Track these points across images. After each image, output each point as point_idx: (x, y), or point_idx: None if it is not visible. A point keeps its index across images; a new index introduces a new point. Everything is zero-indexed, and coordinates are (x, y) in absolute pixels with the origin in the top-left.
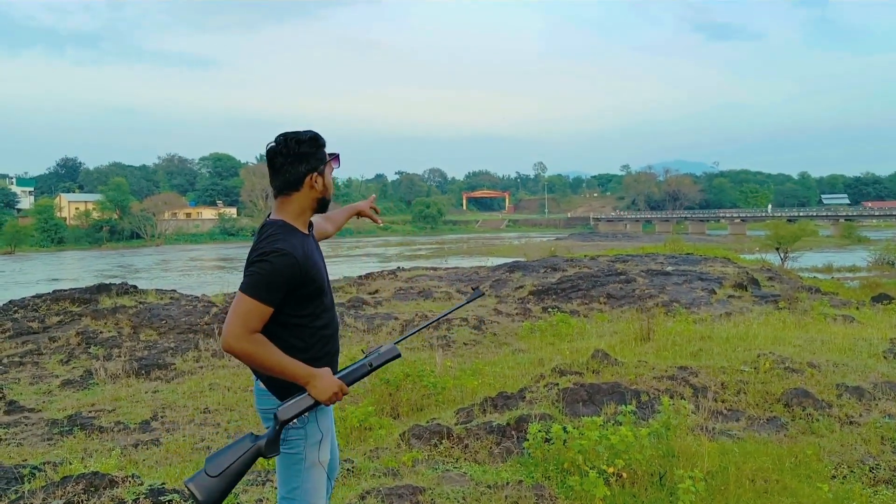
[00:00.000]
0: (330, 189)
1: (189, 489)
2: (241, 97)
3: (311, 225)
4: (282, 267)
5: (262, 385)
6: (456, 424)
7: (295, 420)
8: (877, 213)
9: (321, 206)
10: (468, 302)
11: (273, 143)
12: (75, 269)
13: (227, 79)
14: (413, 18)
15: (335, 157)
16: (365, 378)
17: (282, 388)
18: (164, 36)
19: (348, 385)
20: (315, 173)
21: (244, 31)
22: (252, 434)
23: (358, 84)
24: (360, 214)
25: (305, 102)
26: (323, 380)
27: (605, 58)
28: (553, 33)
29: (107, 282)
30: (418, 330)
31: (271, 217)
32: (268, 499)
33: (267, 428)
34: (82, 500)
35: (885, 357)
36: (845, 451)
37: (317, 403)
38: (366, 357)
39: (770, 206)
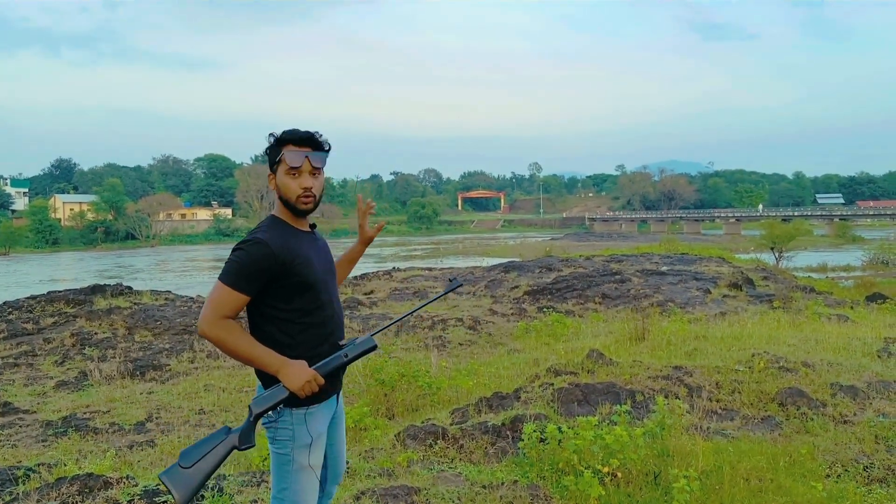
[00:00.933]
0: (283, 189)
1: (163, 481)
2: (236, 98)
3: (314, 226)
4: (256, 256)
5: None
6: (451, 425)
7: (270, 413)
8: (871, 213)
9: (286, 206)
10: (445, 293)
11: None
12: (70, 271)
13: (222, 79)
14: (409, 19)
15: (301, 143)
16: (343, 370)
17: (269, 385)
18: (159, 37)
19: (323, 376)
20: (271, 172)
21: (239, 31)
22: (227, 427)
23: (353, 84)
24: (369, 238)
25: (301, 103)
26: (294, 368)
27: (601, 58)
28: (548, 33)
29: (102, 283)
30: (393, 323)
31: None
32: (262, 499)
33: (264, 427)
34: (77, 502)
35: (879, 356)
36: (839, 450)
37: (291, 395)
38: (342, 349)
39: (761, 206)
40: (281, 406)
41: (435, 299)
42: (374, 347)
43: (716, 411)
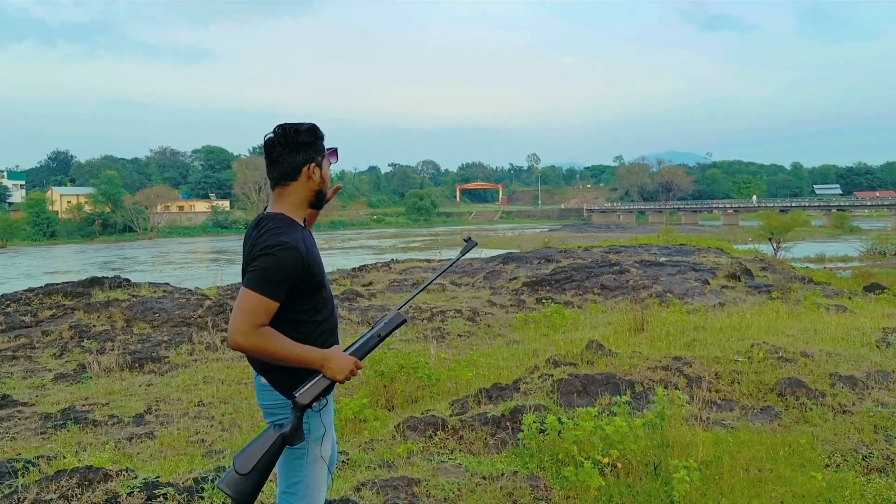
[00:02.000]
0: (327, 182)
1: (223, 490)
2: (234, 90)
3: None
4: (286, 261)
5: (263, 380)
6: (451, 416)
7: (316, 404)
8: (868, 204)
9: (318, 198)
10: (463, 254)
11: (271, 134)
12: (68, 263)
13: (220, 71)
14: (407, 10)
15: (333, 151)
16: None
17: (281, 383)
18: (156, 28)
19: (360, 359)
20: (313, 163)
21: (237, 23)
22: (274, 425)
23: (351, 76)
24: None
25: (298, 94)
26: (336, 359)
27: (598, 48)
28: (545, 24)
29: (99, 275)
30: (419, 292)
31: (268, 210)
32: (262, 492)
33: (268, 423)
34: (76, 494)
35: (877, 346)
36: (838, 440)
37: (333, 383)
38: (373, 328)
39: (755, 198)
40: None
41: (454, 262)
42: (404, 321)
43: (715, 402)
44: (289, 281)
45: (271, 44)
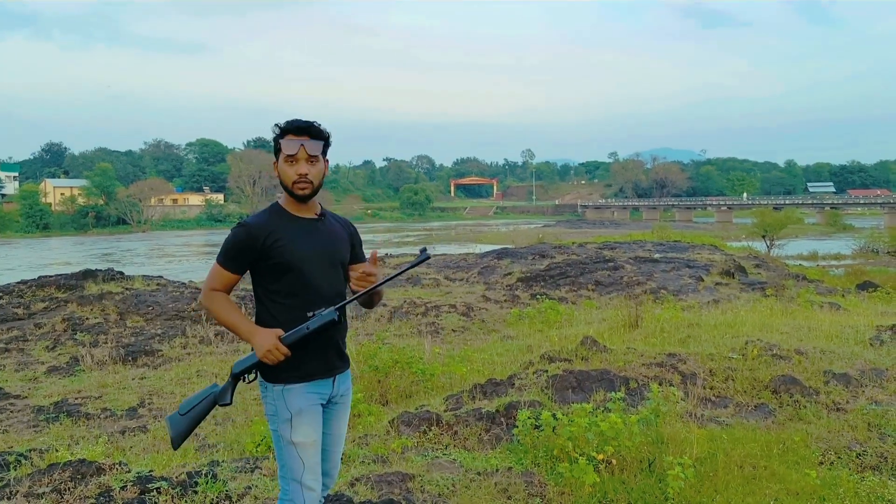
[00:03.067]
0: (282, 176)
1: (167, 424)
2: (229, 83)
3: (323, 214)
4: (238, 237)
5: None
6: (445, 411)
7: (247, 376)
8: (861, 202)
9: (287, 193)
10: (413, 265)
11: None
12: (61, 255)
13: (215, 64)
14: (403, 4)
15: (285, 141)
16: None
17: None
18: (151, 21)
19: (288, 346)
20: (275, 161)
21: (233, 16)
22: (216, 384)
23: (346, 70)
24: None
25: (294, 88)
26: (260, 337)
27: (593, 45)
28: (540, 21)
29: (93, 268)
30: (353, 299)
31: None
32: (256, 486)
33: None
34: (69, 488)
35: (871, 344)
36: (832, 438)
37: (260, 362)
38: (308, 321)
39: (745, 195)
40: (278, 392)
41: (403, 271)
42: (334, 321)
43: (709, 398)
44: (241, 255)
45: (267, 37)
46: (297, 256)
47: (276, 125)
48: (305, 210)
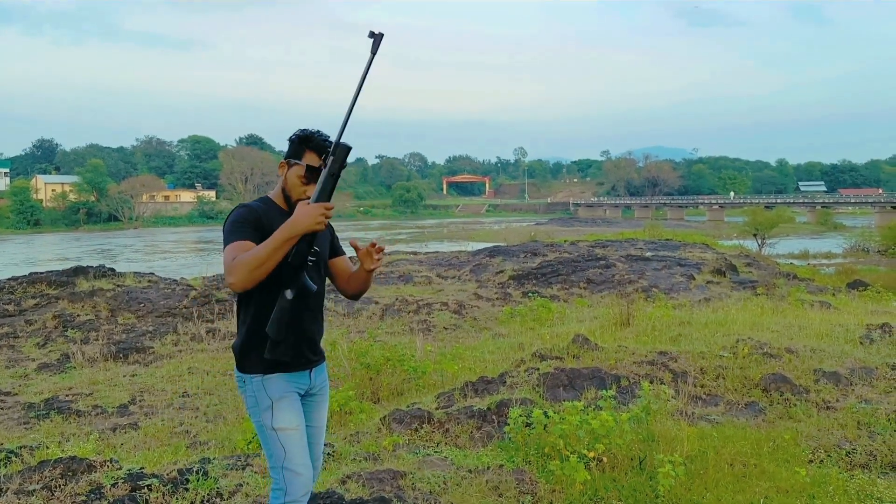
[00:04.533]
0: (290, 185)
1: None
2: (221, 79)
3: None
4: (242, 214)
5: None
6: (437, 409)
7: (310, 258)
8: (852, 201)
9: (287, 200)
10: (373, 54)
11: None
12: (52, 252)
13: (208, 60)
14: (397, 3)
15: (305, 165)
16: (330, 191)
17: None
18: (144, 16)
19: (327, 200)
20: (284, 161)
21: (226, 12)
22: (283, 292)
23: (339, 67)
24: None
25: (286, 85)
26: (300, 215)
27: (586, 43)
28: (533, 19)
29: (84, 264)
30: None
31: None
32: (247, 483)
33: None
34: (60, 485)
35: (861, 343)
36: (822, 436)
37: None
38: (322, 168)
39: (732, 194)
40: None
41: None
42: (350, 148)
43: (700, 397)
44: (252, 226)
45: (261, 33)
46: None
47: (302, 130)
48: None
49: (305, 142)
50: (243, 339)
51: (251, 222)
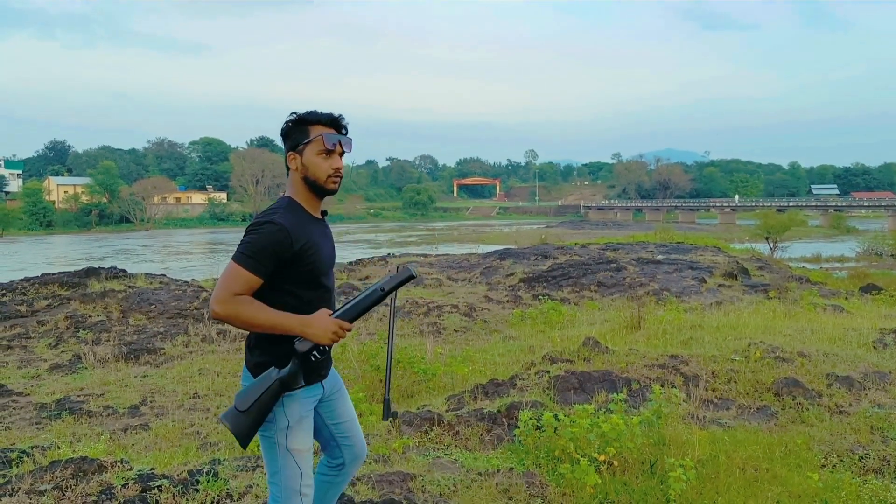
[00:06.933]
0: (312, 168)
1: (223, 423)
2: (233, 82)
3: (325, 213)
4: (275, 238)
5: (247, 371)
6: (447, 411)
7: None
8: (865, 204)
9: (310, 186)
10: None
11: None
12: (65, 253)
13: (219, 63)
14: (407, 4)
15: (320, 135)
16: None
17: (254, 363)
18: (156, 20)
19: (351, 320)
20: (293, 152)
21: (237, 15)
22: (275, 369)
23: (350, 70)
24: None
25: (297, 88)
26: (317, 321)
27: (597, 46)
28: (544, 21)
29: (95, 266)
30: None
31: (282, 194)
32: (257, 484)
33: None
34: (70, 485)
35: (874, 347)
36: (835, 441)
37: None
38: (377, 283)
39: (737, 197)
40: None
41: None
42: (413, 276)
43: (712, 400)
44: (273, 258)
45: (271, 36)
46: (321, 262)
47: (295, 114)
48: (316, 208)
49: (304, 120)
50: (259, 358)
51: (274, 253)
